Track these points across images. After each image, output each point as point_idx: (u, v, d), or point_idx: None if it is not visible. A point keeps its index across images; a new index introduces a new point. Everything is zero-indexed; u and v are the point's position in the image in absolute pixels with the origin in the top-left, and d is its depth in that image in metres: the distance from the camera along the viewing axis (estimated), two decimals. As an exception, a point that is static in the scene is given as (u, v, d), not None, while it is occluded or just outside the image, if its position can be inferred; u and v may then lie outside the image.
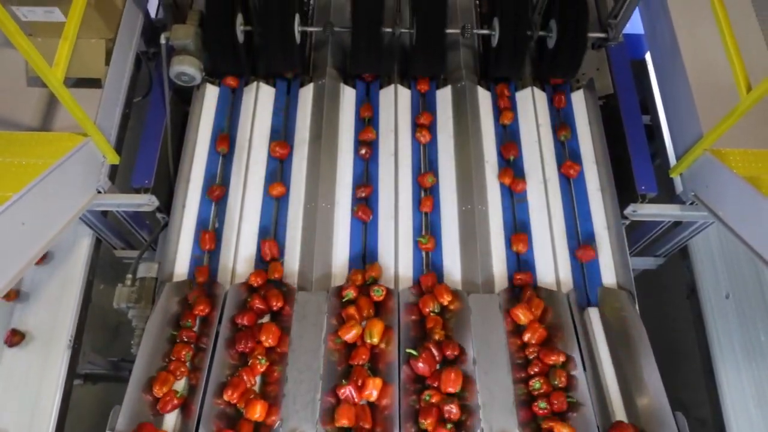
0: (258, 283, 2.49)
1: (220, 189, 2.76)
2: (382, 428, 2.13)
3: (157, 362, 2.30)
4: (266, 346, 2.32)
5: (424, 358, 2.25)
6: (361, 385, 2.19)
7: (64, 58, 2.20)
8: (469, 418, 2.17)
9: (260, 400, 2.16)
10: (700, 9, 2.66)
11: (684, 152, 2.65)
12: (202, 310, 2.42)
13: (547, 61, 3.02)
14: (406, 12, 3.27)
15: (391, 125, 2.96)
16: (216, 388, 2.21)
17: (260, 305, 2.40)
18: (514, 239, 2.65)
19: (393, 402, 2.17)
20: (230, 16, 2.81)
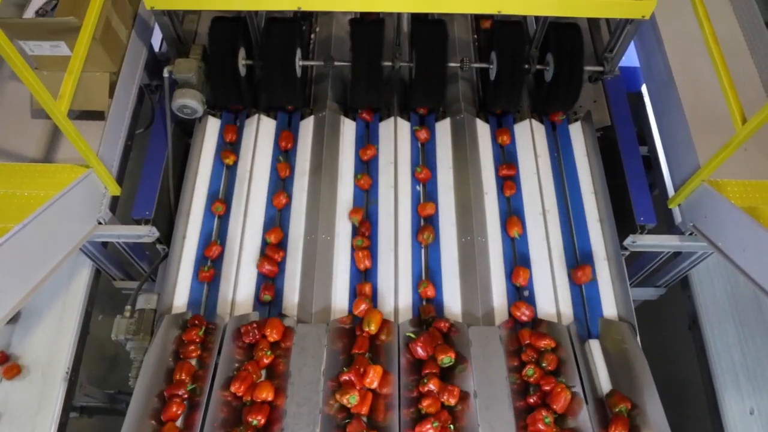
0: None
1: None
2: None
3: (155, 396, 2.27)
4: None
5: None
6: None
7: (69, 91, 2.23)
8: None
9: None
10: (694, 43, 2.71)
11: (682, 183, 2.67)
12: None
13: (545, 94, 3.05)
14: (405, 46, 3.32)
15: (390, 157, 2.98)
16: (214, 424, 2.18)
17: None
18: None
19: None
20: (233, 51, 2.86)
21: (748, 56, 2.95)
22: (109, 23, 2.71)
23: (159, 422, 2.22)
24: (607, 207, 2.83)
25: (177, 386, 2.28)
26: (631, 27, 2.80)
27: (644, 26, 2.98)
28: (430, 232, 2.73)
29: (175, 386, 2.28)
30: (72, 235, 2.46)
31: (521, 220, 2.79)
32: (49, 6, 2.71)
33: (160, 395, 2.28)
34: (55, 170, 2.50)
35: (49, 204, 2.25)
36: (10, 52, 1.90)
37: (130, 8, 2.94)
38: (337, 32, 3.38)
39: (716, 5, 3.11)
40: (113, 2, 2.73)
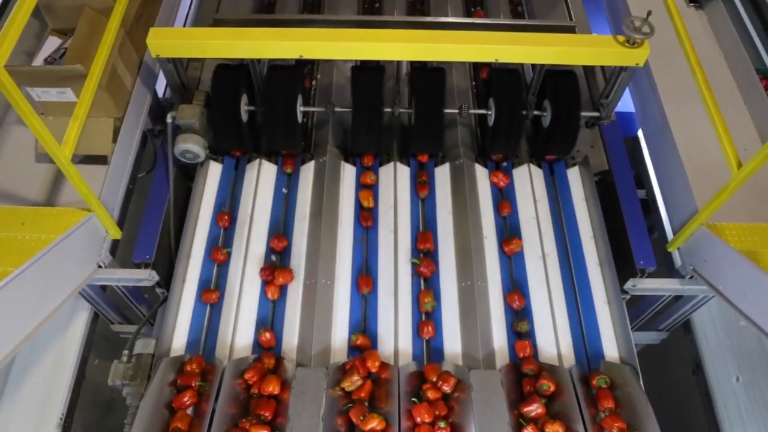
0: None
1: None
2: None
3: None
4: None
5: None
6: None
7: (74, 136, 2.26)
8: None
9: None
10: (688, 89, 2.76)
11: (680, 227, 2.68)
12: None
13: (543, 140, 3.10)
14: (405, 92, 3.39)
15: (390, 202, 3.00)
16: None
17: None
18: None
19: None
20: (235, 97, 2.91)
21: (741, 102, 3.01)
22: (115, 71, 2.77)
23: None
24: (607, 251, 2.83)
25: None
26: (626, 74, 2.87)
27: (638, 73, 3.05)
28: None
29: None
30: (72, 278, 2.46)
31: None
32: (57, 54, 2.78)
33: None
34: (56, 213, 2.52)
35: (50, 248, 2.25)
36: (17, 98, 1.93)
37: (136, 56, 3.01)
38: (337, 79, 3.45)
39: (708, 53, 3.19)
40: (120, 50, 2.80)
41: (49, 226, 2.41)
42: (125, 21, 2.79)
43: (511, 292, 2.72)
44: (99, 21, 2.71)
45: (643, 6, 2.73)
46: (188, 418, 2.30)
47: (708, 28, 3.37)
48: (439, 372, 2.42)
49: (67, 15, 2.81)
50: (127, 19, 2.86)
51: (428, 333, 2.59)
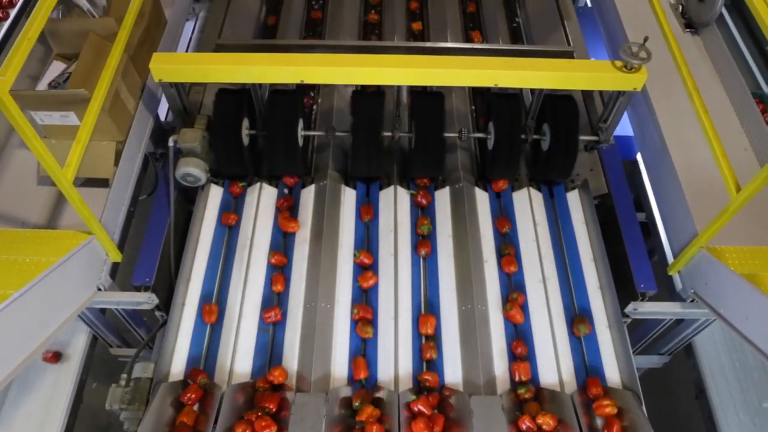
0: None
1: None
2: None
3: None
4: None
5: None
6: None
7: (76, 160, 2.28)
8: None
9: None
10: (685, 113, 2.78)
11: (680, 250, 2.68)
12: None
13: (542, 163, 3.11)
14: (405, 117, 3.42)
15: (390, 225, 3.01)
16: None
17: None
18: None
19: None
20: (236, 121, 2.93)
21: (738, 125, 3.03)
22: (118, 95, 2.80)
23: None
24: (607, 274, 2.83)
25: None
26: (624, 98, 2.90)
27: (636, 97, 3.08)
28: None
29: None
30: (71, 301, 2.46)
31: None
32: (61, 78, 2.81)
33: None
34: (57, 236, 2.52)
35: (50, 270, 2.25)
36: (21, 122, 1.95)
37: (139, 80, 3.05)
38: (338, 103, 3.48)
39: (704, 77, 3.22)
40: (123, 75, 2.83)
41: (50, 249, 2.41)
42: (129, 46, 2.83)
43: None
44: (103, 46, 2.75)
45: (640, 32, 2.77)
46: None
47: (704, 52, 3.41)
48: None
49: (71, 40, 2.85)
50: (131, 44, 2.90)
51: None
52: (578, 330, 2.64)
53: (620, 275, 2.84)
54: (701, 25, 3.48)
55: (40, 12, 2.05)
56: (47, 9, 2.09)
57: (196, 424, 2.33)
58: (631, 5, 3.60)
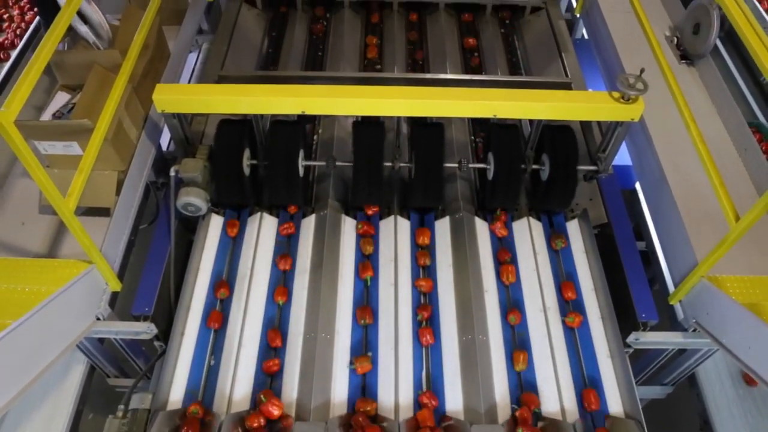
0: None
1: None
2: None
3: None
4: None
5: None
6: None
7: (78, 189, 2.29)
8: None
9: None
10: (683, 142, 2.81)
11: (681, 279, 2.67)
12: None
13: (542, 193, 3.13)
14: (405, 147, 3.44)
15: (390, 255, 3.01)
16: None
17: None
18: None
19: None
20: (238, 151, 2.96)
21: (736, 155, 3.05)
22: (121, 125, 2.83)
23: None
24: (608, 304, 2.82)
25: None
26: (622, 129, 2.92)
27: (634, 128, 3.11)
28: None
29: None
30: (70, 331, 2.44)
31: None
32: (65, 108, 2.84)
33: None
34: (57, 265, 2.52)
35: (49, 300, 2.25)
36: (24, 152, 1.97)
37: (142, 111, 3.08)
38: (339, 134, 3.51)
39: (701, 107, 3.26)
40: (126, 105, 2.87)
41: (50, 278, 2.41)
42: (133, 77, 2.87)
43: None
44: (107, 77, 2.79)
45: (637, 63, 2.81)
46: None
47: (700, 83, 3.45)
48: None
49: (76, 72, 2.88)
50: (135, 76, 2.94)
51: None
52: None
53: (621, 305, 2.83)
54: (696, 57, 3.54)
55: (46, 44, 2.09)
56: (54, 42, 2.12)
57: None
58: (627, 38, 3.67)
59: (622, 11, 3.81)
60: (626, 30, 3.71)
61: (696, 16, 3.47)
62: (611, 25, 3.82)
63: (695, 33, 3.48)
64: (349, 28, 4.27)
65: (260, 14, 4.40)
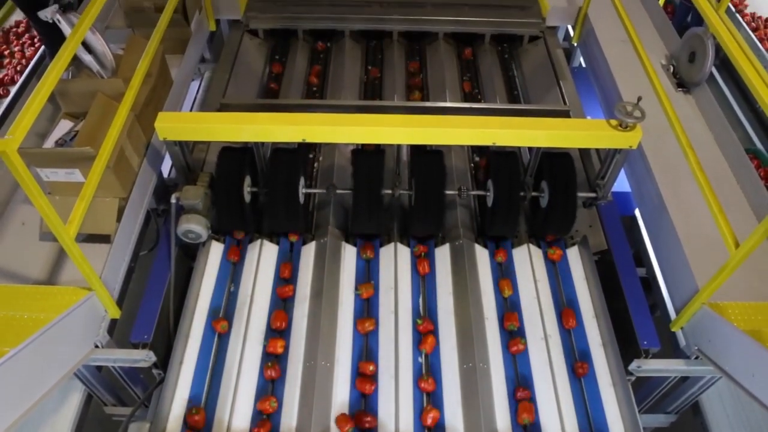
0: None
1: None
2: None
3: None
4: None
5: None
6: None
7: (79, 216, 2.30)
8: None
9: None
10: (682, 169, 2.83)
11: (682, 306, 2.66)
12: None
13: (541, 220, 3.14)
14: (405, 175, 3.46)
15: (391, 282, 3.00)
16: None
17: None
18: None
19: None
20: (239, 179, 2.97)
21: (734, 181, 3.07)
22: (123, 152, 2.85)
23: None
24: (609, 331, 2.80)
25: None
26: (620, 156, 2.95)
27: (633, 155, 3.13)
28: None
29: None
30: (68, 359, 2.43)
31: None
32: (68, 136, 2.87)
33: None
34: (57, 292, 2.52)
35: (48, 327, 2.23)
36: (27, 180, 1.98)
37: (144, 138, 3.10)
38: (339, 161, 3.53)
39: (698, 134, 3.29)
40: (129, 133, 2.89)
41: (49, 305, 2.40)
42: (135, 105, 2.90)
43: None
44: (110, 106, 2.82)
45: (634, 91, 2.85)
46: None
47: (697, 110, 3.49)
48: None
49: (80, 100, 2.92)
50: (137, 104, 2.97)
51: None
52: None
53: (622, 332, 2.81)
54: (693, 85, 3.58)
55: (51, 73, 2.12)
56: (59, 71, 2.16)
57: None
58: (624, 66, 3.72)
59: (618, 40, 3.87)
60: (623, 58, 3.77)
61: (691, 45, 3.52)
62: (608, 54, 3.88)
63: (691, 61, 3.53)
64: (350, 58, 4.33)
65: (262, 43, 4.47)
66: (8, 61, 4.30)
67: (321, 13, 4.42)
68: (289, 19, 4.43)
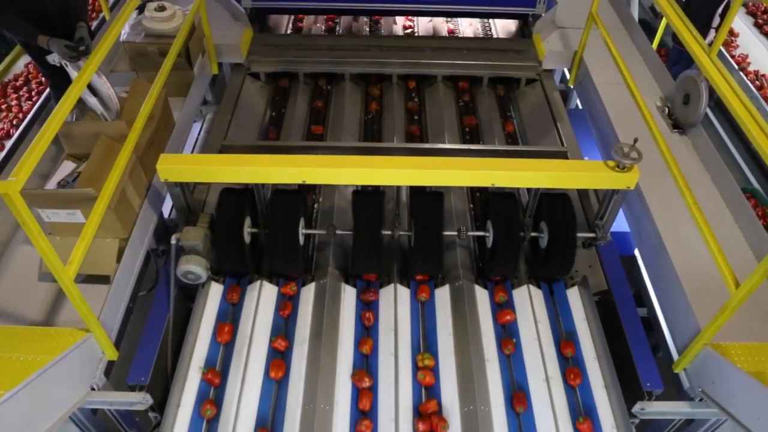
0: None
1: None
2: None
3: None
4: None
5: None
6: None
7: (79, 257, 2.30)
8: None
9: None
10: (680, 208, 2.84)
11: (684, 347, 2.64)
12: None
13: (541, 261, 3.14)
14: (404, 216, 3.48)
15: (390, 324, 2.98)
16: None
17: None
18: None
19: None
20: (239, 220, 2.98)
21: (732, 220, 3.08)
22: (124, 193, 2.87)
23: None
24: (612, 373, 2.77)
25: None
26: (618, 196, 2.97)
27: (631, 195, 3.15)
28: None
29: None
30: (64, 402, 2.39)
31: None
32: (70, 177, 2.90)
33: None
34: (54, 334, 2.49)
35: (44, 370, 2.21)
36: (28, 221, 1.99)
37: (145, 179, 3.13)
38: (339, 202, 3.56)
39: (695, 174, 3.32)
40: (131, 174, 2.92)
41: (46, 347, 2.38)
42: (137, 147, 2.94)
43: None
44: (113, 147, 2.85)
45: (630, 132, 2.89)
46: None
47: (693, 151, 3.52)
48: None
49: (83, 142, 2.96)
50: (140, 145, 3.01)
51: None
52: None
53: (625, 373, 2.78)
54: (688, 126, 3.63)
55: (56, 116, 2.15)
56: (64, 114, 2.19)
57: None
58: (620, 108, 3.78)
59: (613, 83, 3.94)
60: (619, 100, 3.83)
61: (685, 87, 3.58)
62: (604, 96, 3.94)
63: (685, 103, 3.59)
64: (350, 100, 4.40)
65: (263, 86, 4.55)
66: (5, 114, 4.33)
67: (321, 56, 4.52)
68: (290, 62, 4.52)
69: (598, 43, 4.05)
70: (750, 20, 5.69)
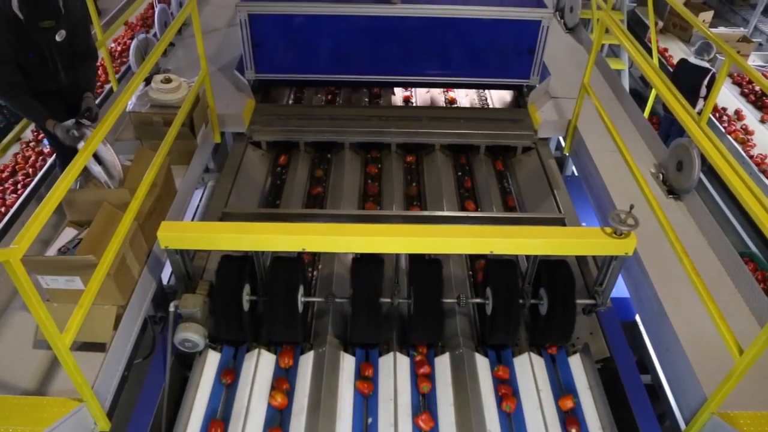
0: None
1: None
2: None
3: None
4: None
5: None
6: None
7: (76, 325, 2.29)
8: None
9: None
10: (679, 274, 2.84)
11: (691, 415, 2.58)
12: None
13: (541, 328, 3.11)
14: (403, 283, 3.47)
15: (390, 394, 2.92)
16: None
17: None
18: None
19: None
20: (238, 288, 2.98)
21: (732, 285, 3.08)
22: (124, 260, 2.88)
23: None
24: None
25: None
26: (617, 262, 2.97)
27: (629, 261, 3.15)
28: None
29: None
30: (50, 479, 2.32)
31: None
32: (71, 244, 2.91)
33: None
34: (46, 404, 2.44)
35: (33, 443, 2.16)
36: (27, 288, 1.99)
37: (146, 246, 3.14)
38: (338, 270, 3.55)
39: (692, 240, 3.34)
40: (131, 242, 2.93)
41: (37, 418, 2.33)
42: (139, 214, 2.97)
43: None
44: (115, 215, 2.88)
45: (626, 199, 2.92)
46: None
47: (689, 216, 3.56)
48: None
49: (85, 209, 2.99)
50: (141, 213, 3.04)
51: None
52: None
53: (631, 444, 2.71)
54: (682, 192, 3.68)
55: (61, 185, 2.19)
56: (68, 182, 2.23)
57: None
58: (615, 175, 3.84)
59: (607, 150, 4.03)
60: (613, 167, 3.90)
61: (678, 154, 3.66)
62: (599, 164, 4.02)
63: (679, 170, 3.65)
64: (349, 169, 4.47)
65: (264, 155, 4.64)
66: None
67: (322, 126, 4.63)
68: (291, 131, 4.63)
69: (592, 112, 4.15)
70: (737, 90, 5.88)
